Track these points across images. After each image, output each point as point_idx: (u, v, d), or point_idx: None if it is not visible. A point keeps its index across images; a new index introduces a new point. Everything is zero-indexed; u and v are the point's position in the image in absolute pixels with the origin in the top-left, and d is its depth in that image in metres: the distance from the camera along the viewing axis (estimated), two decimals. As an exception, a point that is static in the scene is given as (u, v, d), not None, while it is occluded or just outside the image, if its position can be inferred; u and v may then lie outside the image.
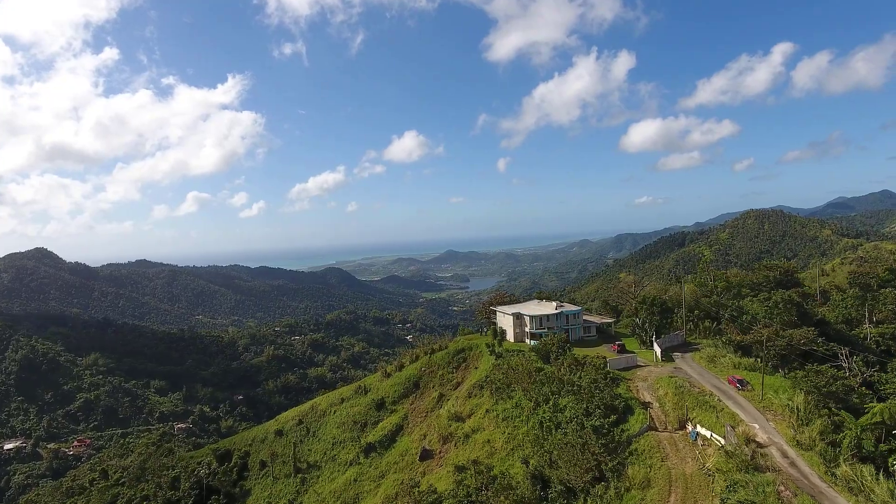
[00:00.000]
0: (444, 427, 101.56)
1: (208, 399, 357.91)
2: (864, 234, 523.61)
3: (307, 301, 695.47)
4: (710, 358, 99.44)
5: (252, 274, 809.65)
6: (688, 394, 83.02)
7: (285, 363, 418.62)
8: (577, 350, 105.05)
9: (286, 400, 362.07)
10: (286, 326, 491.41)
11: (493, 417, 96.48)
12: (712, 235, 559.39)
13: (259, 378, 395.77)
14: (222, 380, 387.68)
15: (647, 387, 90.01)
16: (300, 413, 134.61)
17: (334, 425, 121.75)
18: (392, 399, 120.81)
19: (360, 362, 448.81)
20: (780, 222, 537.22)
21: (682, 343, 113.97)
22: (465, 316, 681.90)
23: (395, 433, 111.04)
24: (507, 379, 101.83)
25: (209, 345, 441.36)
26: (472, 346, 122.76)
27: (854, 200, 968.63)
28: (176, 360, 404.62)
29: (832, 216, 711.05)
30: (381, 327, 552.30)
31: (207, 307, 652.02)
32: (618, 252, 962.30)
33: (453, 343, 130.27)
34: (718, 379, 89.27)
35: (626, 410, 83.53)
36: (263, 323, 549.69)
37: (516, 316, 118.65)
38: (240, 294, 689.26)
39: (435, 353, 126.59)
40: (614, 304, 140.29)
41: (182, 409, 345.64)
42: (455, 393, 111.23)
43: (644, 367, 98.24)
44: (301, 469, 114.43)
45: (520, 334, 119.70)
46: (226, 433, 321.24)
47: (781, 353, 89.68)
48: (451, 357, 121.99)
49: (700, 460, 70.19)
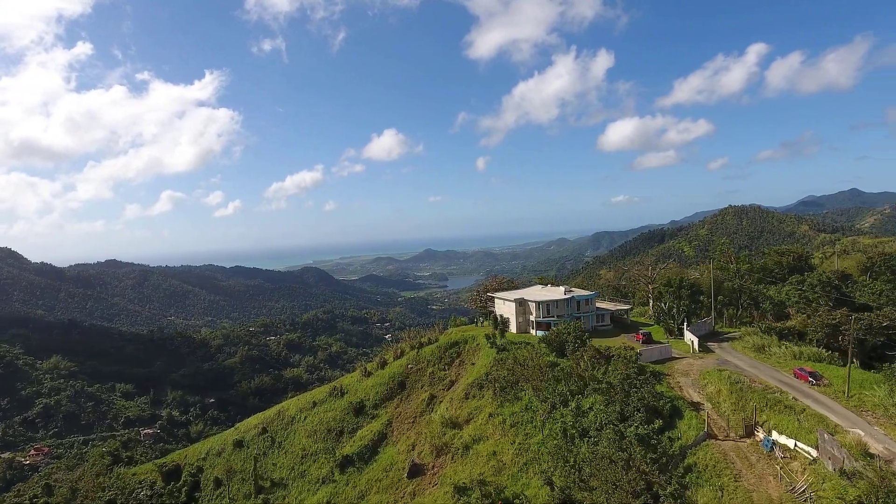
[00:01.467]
0: (437, 435, 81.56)
1: (178, 402, 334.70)
2: (839, 229, 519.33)
3: (284, 301, 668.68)
4: (757, 347, 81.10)
5: (227, 274, 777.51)
6: (749, 391, 64.26)
7: (260, 364, 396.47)
8: (593, 341, 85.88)
9: (260, 402, 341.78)
10: (261, 326, 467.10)
11: (499, 423, 76.76)
12: (691, 231, 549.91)
13: (232, 380, 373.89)
14: (193, 382, 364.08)
15: (691, 383, 71.14)
16: (264, 420, 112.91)
17: (304, 434, 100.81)
18: (373, 402, 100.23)
19: (337, 362, 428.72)
20: (757, 218, 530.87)
21: (711, 332, 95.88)
22: (445, 315, 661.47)
23: (377, 443, 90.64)
24: (514, 376, 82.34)
25: (180, 346, 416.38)
26: (466, 338, 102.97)
27: (824, 199, 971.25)
28: (144, 363, 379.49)
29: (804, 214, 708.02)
30: (360, 326, 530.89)
31: (180, 308, 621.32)
32: (595, 250, 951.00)
33: (444, 335, 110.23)
34: (780, 372, 70.76)
35: (674, 413, 64.54)
36: (238, 323, 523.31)
37: (519, 302, 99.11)
38: (214, 294, 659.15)
39: (423, 348, 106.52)
40: (626, 291, 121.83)
41: (149, 414, 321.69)
42: (449, 394, 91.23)
43: (681, 360, 79.45)
44: (263, 488, 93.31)
45: (523, 324, 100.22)
46: (196, 438, 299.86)
47: (860, 339, 71.58)
48: (443, 352, 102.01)
49: (785, 478, 51.44)
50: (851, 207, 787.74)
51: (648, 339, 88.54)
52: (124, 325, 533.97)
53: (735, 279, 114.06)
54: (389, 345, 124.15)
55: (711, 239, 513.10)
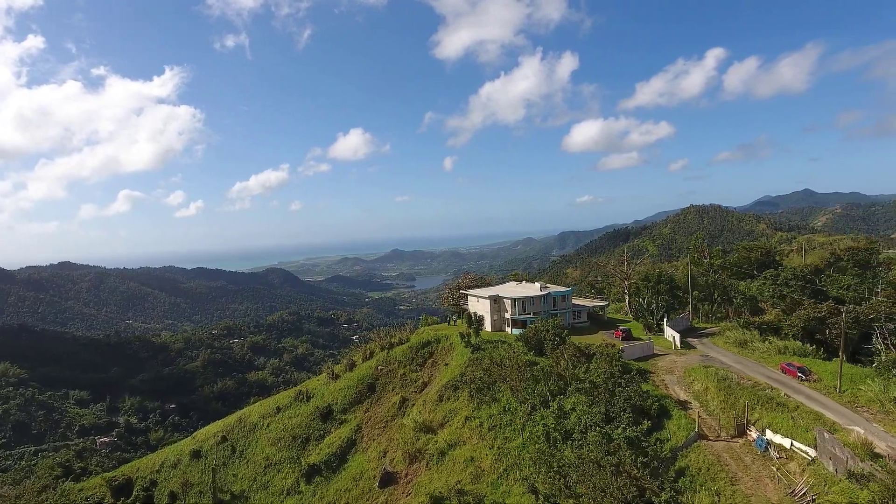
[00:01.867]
0: (410, 441, 76.39)
1: (136, 409, 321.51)
2: (795, 227, 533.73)
3: (248, 303, 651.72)
4: (739, 343, 78.50)
5: (188, 275, 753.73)
6: (738, 388, 61.11)
7: (223, 368, 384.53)
8: (572, 338, 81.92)
9: (224, 407, 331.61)
10: (224, 329, 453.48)
11: (476, 427, 72.08)
12: (655, 230, 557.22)
13: (194, 384, 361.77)
14: (153, 388, 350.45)
15: (676, 381, 67.76)
16: (224, 427, 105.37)
17: (267, 442, 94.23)
18: (341, 406, 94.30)
19: (304, 364, 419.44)
20: (718, 217, 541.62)
21: (689, 327, 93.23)
22: (413, 315, 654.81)
23: (345, 450, 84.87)
24: (490, 376, 77.77)
25: (138, 350, 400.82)
26: (439, 337, 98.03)
27: (779, 199, 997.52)
28: (100, 368, 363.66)
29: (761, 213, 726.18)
30: (326, 328, 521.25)
31: (139, 311, 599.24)
32: (561, 249, 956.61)
33: (416, 335, 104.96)
34: (766, 367, 67.99)
35: (661, 413, 60.90)
36: (200, 326, 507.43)
37: (494, 300, 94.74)
38: (175, 297, 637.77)
39: (394, 348, 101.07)
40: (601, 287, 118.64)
41: (105, 422, 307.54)
42: (422, 396, 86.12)
43: (663, 357, 76.19)
44: (223, 501, 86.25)
45: (498, 322, 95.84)
46: (155, 445, 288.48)
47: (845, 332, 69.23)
48: (415, 352, 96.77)
49: (783, 480, 48.12)
50: (805, 207, 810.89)
51: (628, 335, 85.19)
52: (79, 329, 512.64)
53: (710, 274, 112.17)
54: (358, 346, 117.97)
55: (674, 237, 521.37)
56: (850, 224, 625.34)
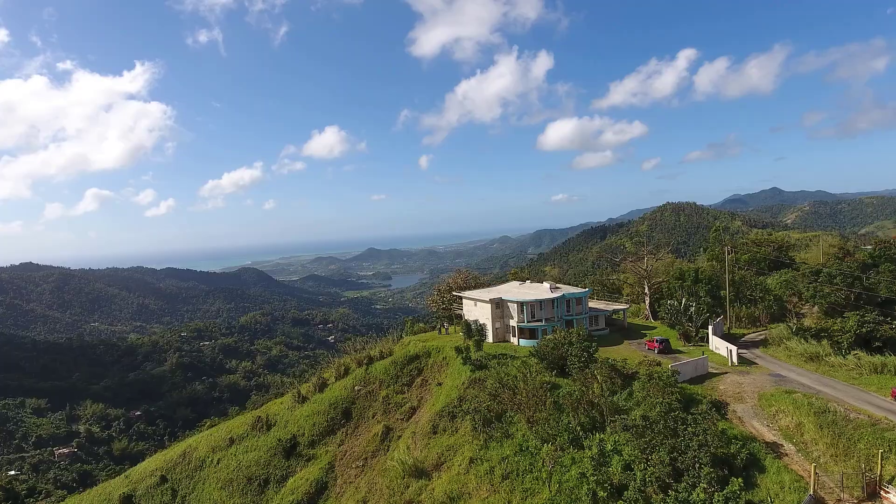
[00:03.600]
0: (397, 488, 57.64)
1: (99, 417, 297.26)
2: (769, 225, 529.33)
3: (220, 303, 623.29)
4: (809, 356, 61.37)
5: (158, 276, 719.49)
6: (849, 425, 43.67)
7: (192, 372, 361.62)
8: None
9: (192, 413, 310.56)
10: (194, 331, 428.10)
11: (485, 473, 53.53)
12: (632, 228, 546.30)
13: (162, 390, 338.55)
14: (117, 394, 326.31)
15: (752, 412, 50.17)
16: (165, 464, 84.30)
17: (217, 485, 74.28)
18: (309, 438, 74.80)
19: (277, 367, 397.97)
20: (694, 215, 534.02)
21: (725, 334, 76.31)
22: (389, 315, 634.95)
23: (314, 497, 65.73)
24: (499, 403, 59.43)
25: (103, 355, 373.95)
26: (429, 350, 79.19)
27: (748, 197, 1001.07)
28: (61, 374, 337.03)
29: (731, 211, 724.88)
30: (301, 329, 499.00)
31: (105, 313, 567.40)
32: (537, 247, 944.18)
33: (400, 346, 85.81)
34: (867, 392, 50.92)
35: (750, 463, 43.12)
36: (169, 328, 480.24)
37: (496, 304, 76.28)
38: (143, 298, 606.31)
39: (374, 364, 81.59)
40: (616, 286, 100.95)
41: (65, 431, 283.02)
42: (410, 426, 67.27)
43: (722, 376, 58.63)
44: (158, 565, 66.84)
45: (501, 330, 77.53)
46: (119, 456, 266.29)
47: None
48: (400, 368, 77.66)
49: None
50: (774, 205, 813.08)
51: (666, 347, 67.43)
52: (42, 333, 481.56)
53: (736, 271, 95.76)
54: (330, 361, 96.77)
55: (651, 234, 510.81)
56: (818, 221, 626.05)
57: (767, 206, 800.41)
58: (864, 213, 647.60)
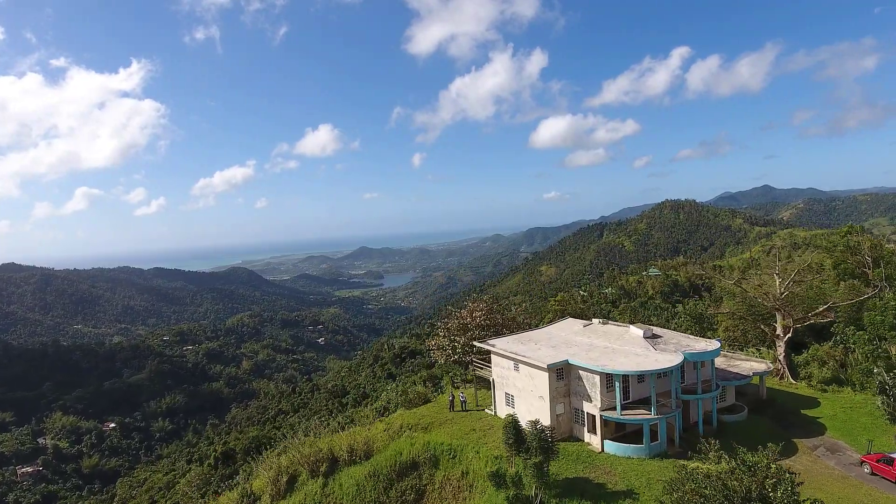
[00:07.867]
0: None
1: (68, 431, 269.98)
2: (771, 222, 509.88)
3: (208, 304, 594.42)
4: None
5: (145, 276, 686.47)
6: None
7: (173, 379, 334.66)
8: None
9: (171, 425, 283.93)
10: (177, 335, 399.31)
11: None
12: (630, 226, 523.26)
13: (139, 399, 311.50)
14: (90, 405, 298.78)
15: None
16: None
17: None
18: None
19: (264, 372, 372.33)
20: (693, 212, 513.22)
21: None
22: (382, 315, 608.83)
23: None
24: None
25: (80, 360, 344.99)
26: (436, 452, 46.50)
27: (739, 195, 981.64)
28: (30, 384, 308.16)
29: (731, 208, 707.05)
30: (290, 330, 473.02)
31: (89, 315, 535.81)
32: (529, 246, 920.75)
33: (384, 433, 51.12)
34: None
35: None
36: (154, 331, 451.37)
37: (558, 374, 45.27)
38: (129, 299, 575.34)
39: (338, 473, 48.35)
40: (707, 319, 66.70)
41: (30, 448, 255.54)
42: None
43: None
44: None
45: (565, 419, 46.35)
46: (89, 474, 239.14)
47: None
48: (384, 487, 45.55)
49: None
50: (767, 203, 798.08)
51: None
52: (22, 336, 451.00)
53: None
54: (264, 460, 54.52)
55: (650, 233, 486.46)
56: (812, 219, 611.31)
57: (760, 204, 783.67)
58: (858, 211, 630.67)
